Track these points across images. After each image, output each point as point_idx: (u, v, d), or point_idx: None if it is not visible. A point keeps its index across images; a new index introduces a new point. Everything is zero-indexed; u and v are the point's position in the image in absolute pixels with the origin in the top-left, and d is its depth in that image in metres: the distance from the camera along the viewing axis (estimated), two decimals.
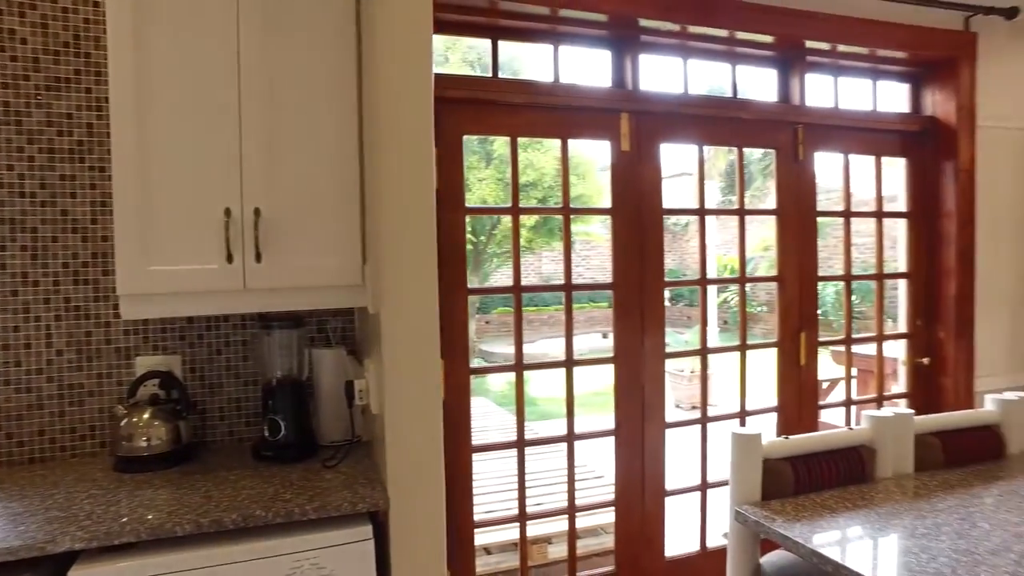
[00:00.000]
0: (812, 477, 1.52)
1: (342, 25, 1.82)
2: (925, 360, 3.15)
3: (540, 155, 10.12)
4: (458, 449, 2.34)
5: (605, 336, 13.29)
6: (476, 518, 2.47)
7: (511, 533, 3.09)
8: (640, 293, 2.59)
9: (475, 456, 2.44)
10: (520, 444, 2.53)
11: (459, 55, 10.44)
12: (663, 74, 3.09)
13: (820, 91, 3.11)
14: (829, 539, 1.29)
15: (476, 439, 2.46)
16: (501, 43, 2.55)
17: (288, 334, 1.92)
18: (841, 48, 2.93)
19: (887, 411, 1.64)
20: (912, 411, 1.66)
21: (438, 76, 1.99)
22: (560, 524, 3.04)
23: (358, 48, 1.85)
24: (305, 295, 1.79)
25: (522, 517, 2.53)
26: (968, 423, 1.75)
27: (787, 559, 1.48)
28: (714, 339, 8.32)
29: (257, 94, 1.73)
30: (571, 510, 2.61)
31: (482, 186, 9.69)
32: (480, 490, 3.63)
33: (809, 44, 2.87)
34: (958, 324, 3.08)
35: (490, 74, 2.54)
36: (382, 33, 1.60)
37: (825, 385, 5.42)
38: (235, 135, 1.71)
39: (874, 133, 3.09)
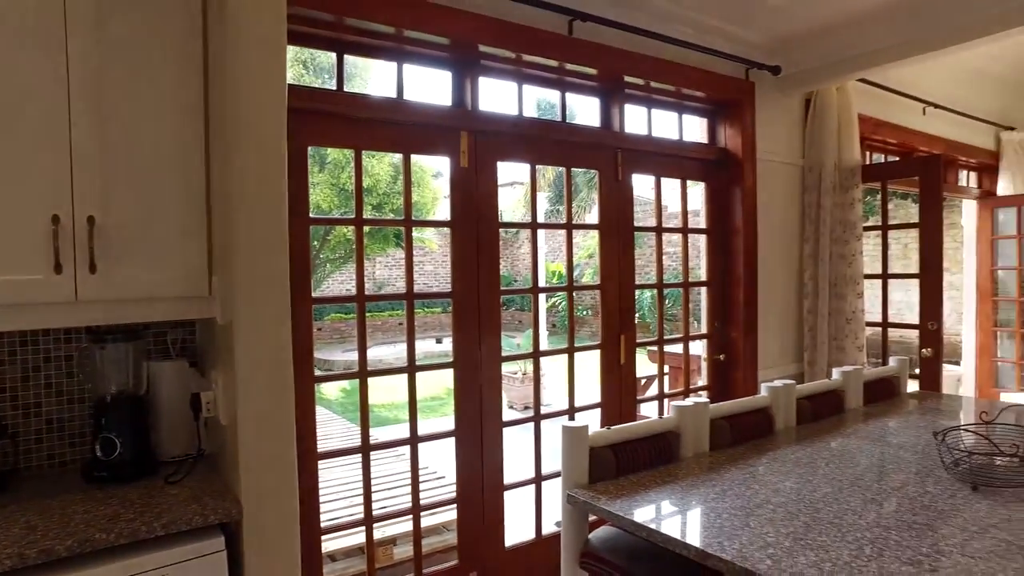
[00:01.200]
0: (630, 460, 1.77)
1: (187, 25, 1.80)
2: (721, 356, 3.66)
3: (375, 161, 10.06)
4: (304, 457, 2.35)
5: (439, 341, 13.47)
6: (322, 525, 2.49)
7: (357, 538, 3.12)
8: (478, 301, 2.77)
9: (320, 463, 2.47)
10: (365, 449, 2.59)
11: (298, 66, 10.08)
12: (500, 96, 3.31)
13: (637, 120, 3.52)
14: (644, 510, 1.54)
15: (320, 447, 2.49)
16: (347, 57, 2.61)
17: (122, 347, 1.84)
18: (654, 84, 3.34)
19: (689, 402, 1.95)
20: (708, 400, 1.99)
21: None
22: (405, 525, 3.12)
23: (204, 52, 1.83)
24: (146, 307, 1.73)
25: (368, 521, 2.60)
26: (748, 407, 2.12)
27: (612, 532, 1.71)
28: (544, 342, 8.81)
29: (89, 99, 1.66)
30: (415, 510, 2.72)
31: (316, 191, 9.43)
32: (324, 498, 3.61)
33: (628, 79, 3.23)
34: (746, 325, 3.62)
35: (335, 87, 2.58)
36: (234, 40, 1.62)
37: (643, 381, 6.01)
38: (64, 140, 1.63)
39: (680, 159, 3.55)
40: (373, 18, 2.42)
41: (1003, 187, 5.82)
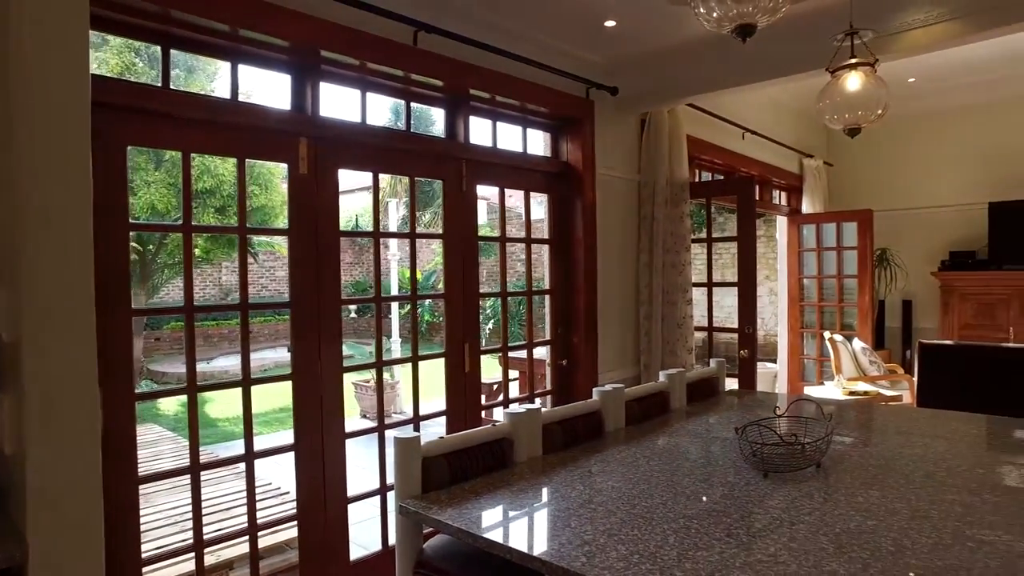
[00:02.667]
0: (465, 468, 1.81)
1: None
2: (564, 361, 3.83)
3: (218, 161, 9.44)
4: (120, 482, 2.17)
5: (291, 349, 12.88)
6: (144, 555, 2.31)
7: (188, 565, 2.91)
8: (318, 311, 2.70)
9: (142, 488, 2.29)
10: (195, 469, 2.43)
11: (128, 53, 9.19)
12: (343, 103, 3.25)
13: (483, 132, 3.60)
14: (472, 517, 1.57)
15: (146, 469, 2.30)
16: (176, 52, 2.44)
17: None
18: (499, 98, 3.43)
19: (521, 408, 2.02)
20: (539, 406, 2.08)
21: (96, 79, 1.86)
22: (243, 547, 2.96)
23: None
24: None
25: (199, 546, 2.44)
26: (580, 412, 2.25)
27: (445, 540, 1.74)
28: (397, 350, 8.69)
29: None
30: (252, 530, 2.59)
31: (151, 191, 8.68)
32: (151, 524, 3.33)
33: (474, 92, 3.30)
34: (586, 331, 3.81)
35: (160, 83, 2.41)
36: (22, 27, 1.46)
37: (496, 387, 6.13)
38: None
39: (525, 172, 3.67)
40: (204, 14, 2.29)
41: (806, 206, 6.58)
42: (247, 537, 2.61)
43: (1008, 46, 5.45)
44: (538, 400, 3.79)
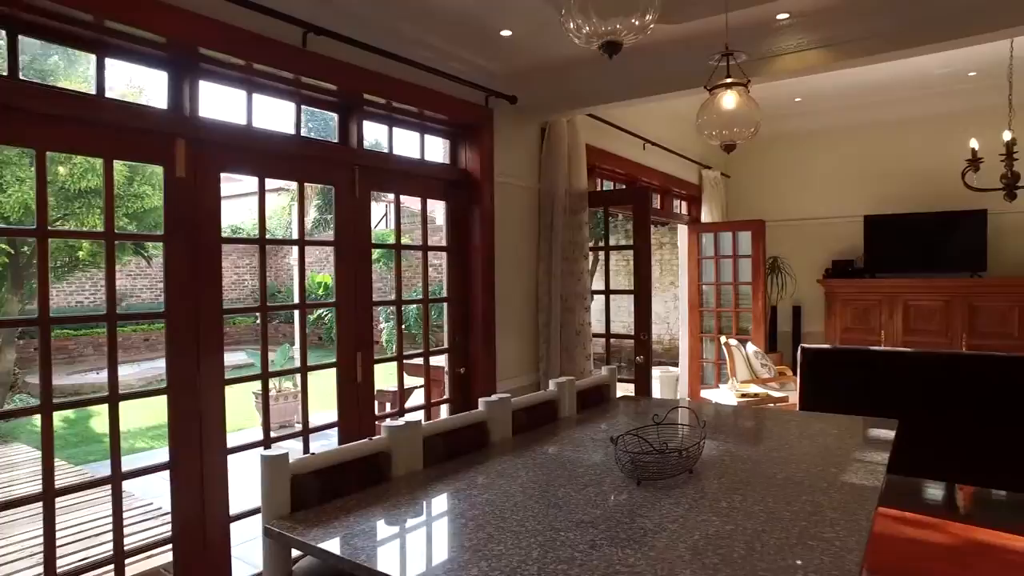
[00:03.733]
0: (337, 485, 1.76)
1: None
2: (462, 369, 3.81)
3: (101, 159, 8.82)
4: None
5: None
6: None
7: None
8: (196, 320, 2.56)
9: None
10: (49, 495, 2.25)
11: None
12: (227, 103, 3.11)
13: (379, 137, 3.53)
14: (339, 537, 1.53)
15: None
16: (27, 40, 2.26)
17: None
18: (396, 104, 3.38)
19: (400, 421, 1.99)
20: (419, 419, 2.05)
21: None
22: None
23: None
24: None
25: None
26: (464, 423, 2.23)
27: (314, 562, 1.68)
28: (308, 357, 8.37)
29: None
30: (119, 559, 2.42)
31: (23, 189, 8.02)
32: (5, 557, 3.06)
33: (368, 96, 3.23)
34: (485, 338, 3.81)
35: (6, 73, 2.22)
36: None
37: (396, 396, 6.02)
38: None
39: (422, 179, 3.63)
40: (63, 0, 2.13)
41: (704, 215, 6.86)
42: (112, 566, 2.43)
43: (874, 77, 5.89)
44: (440, 408, 3.75)
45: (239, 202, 11.62)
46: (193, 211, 2.55)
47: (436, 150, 3.94)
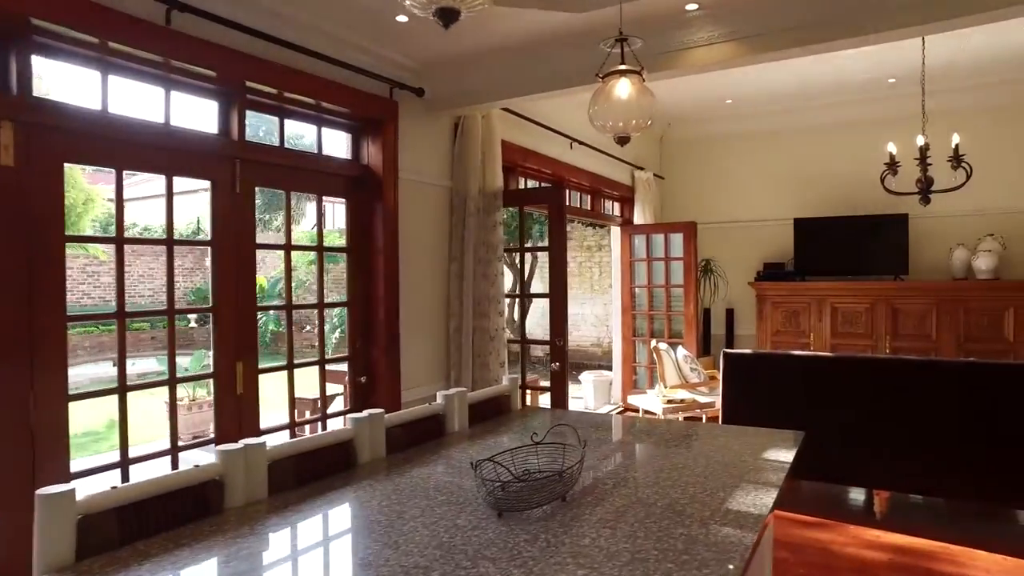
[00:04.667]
0: (147, 523, 1.51)
1: None
2: (363, 378, 3.56)
3: None
4: None
5: (115, 364, 11.63)
6: None
7: None
8: (30, 332, 2.26)
9: None
10: None
11: None
12: (79, 85, 2.80)
13: (268, 130, 3.26)
14: None
15: None
16: None
17: None
18: (288, 94, 3.13)
19: (239, 444, 1.75)
20: (263, 440, 1.81)
21: None
22: None
23: None
24: None
25: None
26: (326, 443, 2.01)
27: None
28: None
29: None
30: None
31: None
32: None
33: (254, 85, 2.97)
34: (388, 344, 3.57)
35: None
36: None
37: (318, 403, 5.72)
38: None
39: (319, 175, 3.38)
40: None
41: (637, 217, 6.76)
42: None
43: (799, 80, 5.90)
44: (334, 421, 3.50)
45: (154, 203, 11.05)
46: (24, 205, 2.25)
47: (339, 145, 3.69)
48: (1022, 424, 3.42)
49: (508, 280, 10.92)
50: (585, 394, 7.34)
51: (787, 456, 2.13)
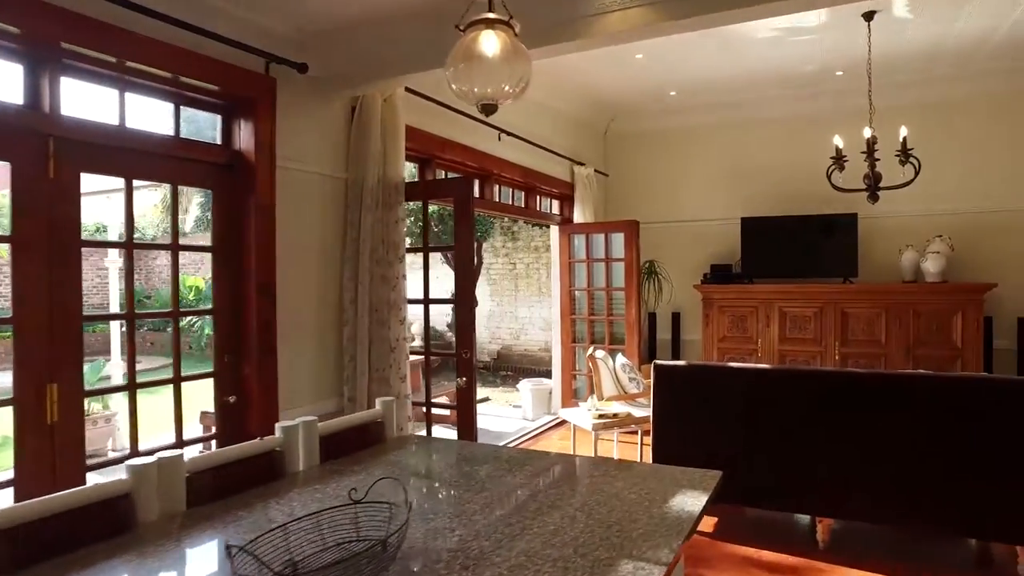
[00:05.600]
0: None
1: None
2: (232, 398, 3.07)
3: None
4: None
5: None
6: None
7: None
8: None
9: None
10: None
11: None
12: None
13: (105, 105, 2.76)
14: None
15: None
16: None
17: None
18: (132, 64, 2.63)
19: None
20: None
21: None
22: None
23: None
24: None
25: None
26: (92, 498, 1.52)
27: None
28: (119, 374, 7.24)
29: None
30: None
31: None
32: None
33: (75, 48, 2.47)
34: (262, 358, 3.08)
35: None
36: None
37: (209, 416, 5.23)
38: None
39: (175, 161, 2.88)
40: None
41: (577, 215, 6.36)
42: None
43: (746, 70, 5.57)
44: (197, 447, 2.99)
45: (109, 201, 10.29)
46: None
47: (207, 127, 3.19)
48: (980, 445, 3.09)
49: (450, 283, 10.47)
50: (524, 403, 6.91)
51: (694, 506, 1.70)
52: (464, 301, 3.53)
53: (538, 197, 6.12)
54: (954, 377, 3.26)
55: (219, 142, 3.14)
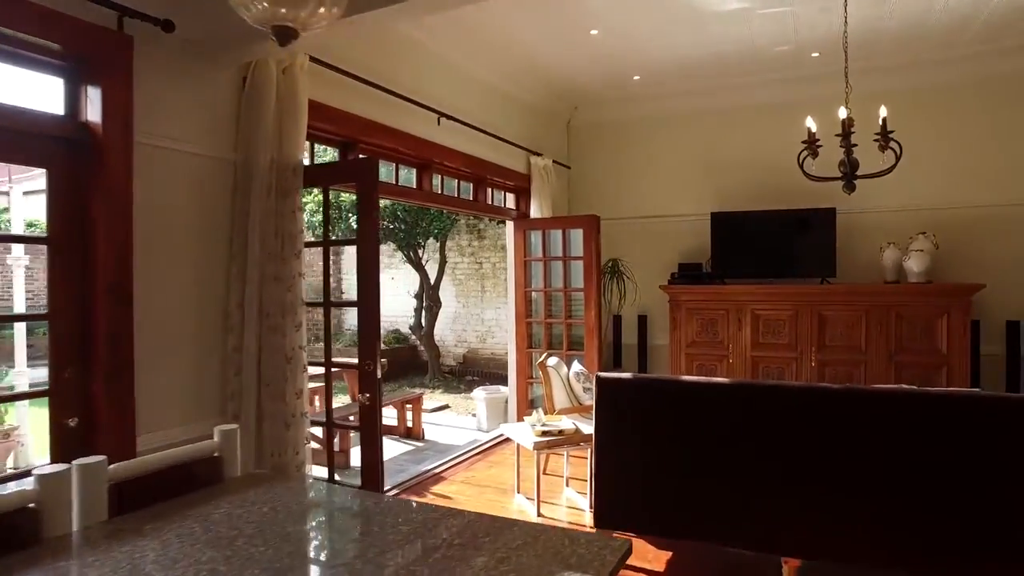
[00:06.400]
0: None
1: None
2: (73, 420, 2.53)
3: None
4: None
5: None
6: None
7: None
8: None
9: None
10: None
11: None
12: None
13: None
14: None
15: None
16: None
17: None
18: None
19: None
20: None
21: None
22: None
23: None
24: None
25: None
26: None
27: None
28: (24, 382, 6.45)
29: None
30: None
31: None
32: None
33: None
34: (112, 371, 2.55)
35: None
36: None
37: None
38: None
39: None
40: None
41: (534, 210, 5.87)
42: None
43: (713, 52, 5.10)
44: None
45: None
46: None
47: (50, 92, 2.66)
48: (962, 477, 2.61)
49: (414, 281, 9.91)
50: (478, 413, 6.40)
51: None
52: (367, 304, 3.01)
53: (490, 190, 5.62)
54: (944, 395, 2.78)
55: (64, 112, 2.61)
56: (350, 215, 8.11)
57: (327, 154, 4.55)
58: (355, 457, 5.67)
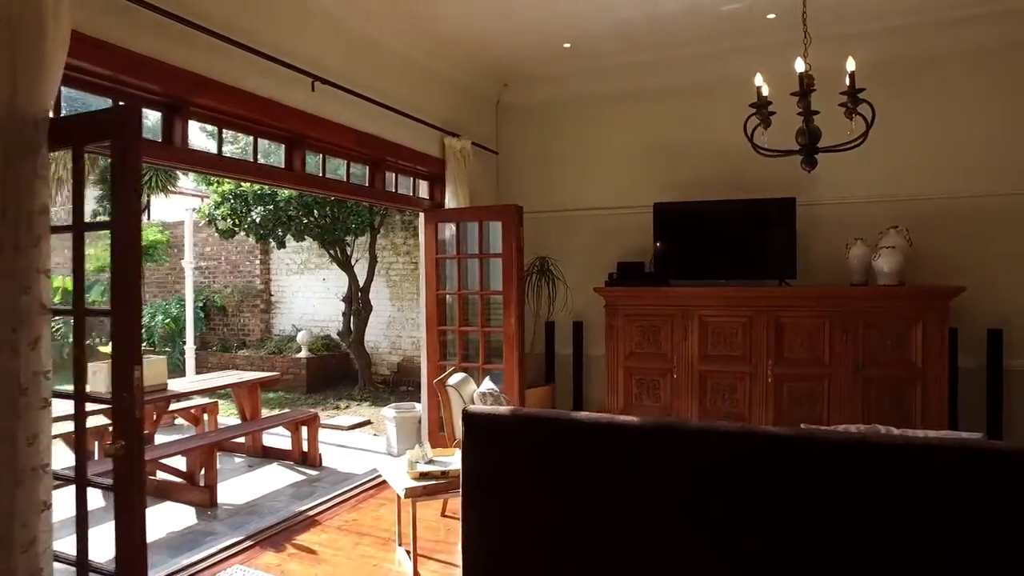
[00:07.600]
0: None
1: None
2: None
3: None
4: None
5: None
6: None
7: None
8: None
9: None
10: None
11: None
12: None
13: None
14: None
15: None
16: None
17: None
18: None
19: None
20: None
21: None
22: None
23: None
24: None
25: None
26: None
27: None
28: None
29: None
30: None
31: None
32: None
33: None
34: None
35: None
36: None
37: None
38: None
39: None
40: None
41: (449, 200, 5.00)
42: None
43: (648, 12, 4.30)
44: None
45: None
46: None
47: None
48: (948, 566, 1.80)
49: (342, 287, 8.96)
50: (388, 434, 5.52)
51: None
52: (122, 312, 2.11)
53: (392, 175, 4.74)
54: (926, 444, 1.96)
55: None
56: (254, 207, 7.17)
57: (148, 121, 3.65)
58: (230, 490, 4.74)
